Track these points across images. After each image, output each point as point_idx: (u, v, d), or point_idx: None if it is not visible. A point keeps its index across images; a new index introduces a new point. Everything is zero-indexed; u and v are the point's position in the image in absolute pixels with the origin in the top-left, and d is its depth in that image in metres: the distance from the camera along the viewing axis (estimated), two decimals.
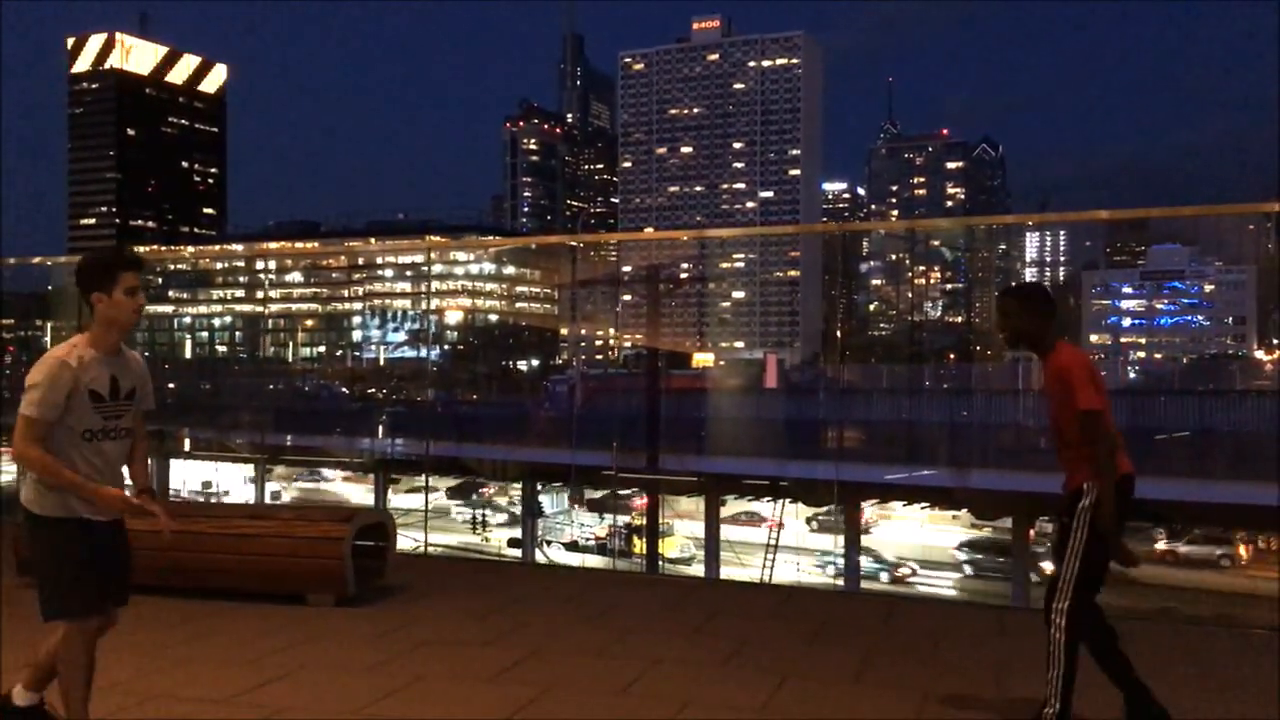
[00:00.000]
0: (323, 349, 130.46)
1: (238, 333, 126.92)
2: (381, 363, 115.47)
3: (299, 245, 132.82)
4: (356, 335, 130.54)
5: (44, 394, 3.40)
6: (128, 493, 3.61)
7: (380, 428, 25.88)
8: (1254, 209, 41.59)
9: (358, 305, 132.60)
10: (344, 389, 63.07)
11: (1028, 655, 5.23)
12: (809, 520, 30.91)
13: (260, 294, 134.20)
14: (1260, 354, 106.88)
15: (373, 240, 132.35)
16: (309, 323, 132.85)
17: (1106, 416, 3.90)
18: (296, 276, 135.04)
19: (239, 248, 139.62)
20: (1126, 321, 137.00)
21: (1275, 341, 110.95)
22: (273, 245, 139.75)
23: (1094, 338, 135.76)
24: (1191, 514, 21.21)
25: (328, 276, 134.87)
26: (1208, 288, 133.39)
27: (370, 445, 24.45)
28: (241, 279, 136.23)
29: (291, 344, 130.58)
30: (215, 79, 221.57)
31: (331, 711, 4.30)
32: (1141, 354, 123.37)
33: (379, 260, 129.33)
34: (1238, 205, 48.20)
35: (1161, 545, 32.86)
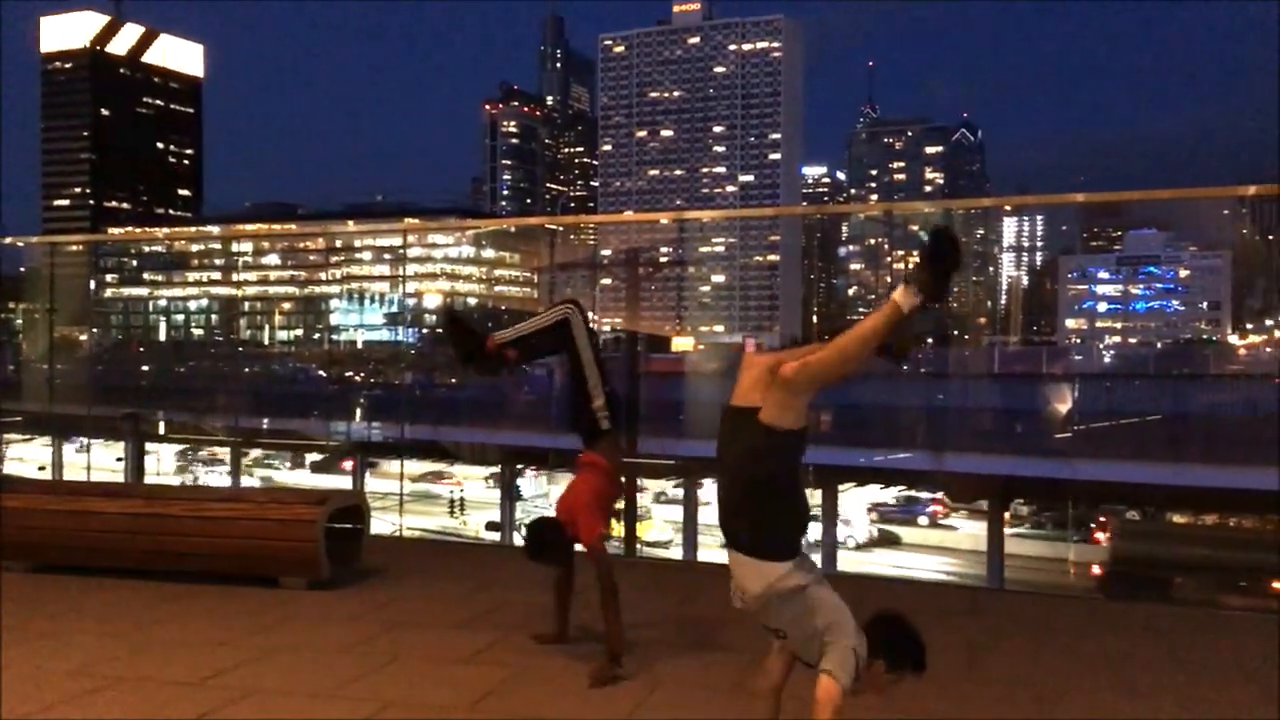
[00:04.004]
0: (300, 332, 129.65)
1: (213, 315, 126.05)
2: (359, 346, 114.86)
3: (276, 227, 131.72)
4: (334, 318, 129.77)
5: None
6: None
7: (357, 411, 25.75)
8: (1228, 193, 41.51)
9: (335, 288, 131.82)
10: (321, 372, 62.69)
11: (1002, 634, 5.29)
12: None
13: (236, 276, 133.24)
14: (1234, 339, 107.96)
15: (350, 223, 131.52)
16: (285, 305, 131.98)
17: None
18: (273, 259, 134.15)
19: (215, 230, 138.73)
20: (1102, 307, 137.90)
21: (1249, 326, 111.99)
22: (249, 227, 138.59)
23: (1070, 323, 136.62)
24: (1166, 498, 21.45)
25: (305, 259, 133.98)
26: (1183, 273, 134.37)
27: (347, 428, 24.34)
28: (218, 261, 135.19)
29: (268, 327, 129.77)
30: (192, 59, 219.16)
31: (305, 692, 4.28)
32: (1117, 339, 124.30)
33: (356, 243, 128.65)
34: (1212, 189, 48.34)
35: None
